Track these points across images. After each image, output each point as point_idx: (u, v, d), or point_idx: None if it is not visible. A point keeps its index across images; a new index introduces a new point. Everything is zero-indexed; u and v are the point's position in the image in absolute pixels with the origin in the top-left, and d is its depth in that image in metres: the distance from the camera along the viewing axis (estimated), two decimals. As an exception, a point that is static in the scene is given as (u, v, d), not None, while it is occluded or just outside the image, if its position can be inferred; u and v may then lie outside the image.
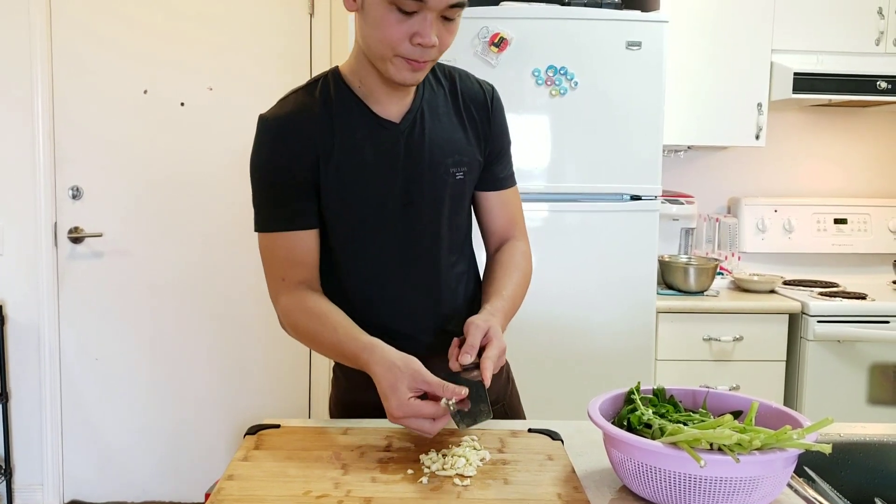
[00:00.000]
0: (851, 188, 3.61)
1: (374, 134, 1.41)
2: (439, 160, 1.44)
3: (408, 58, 1.29)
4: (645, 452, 1.05)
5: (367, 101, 1.41)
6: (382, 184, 1.41)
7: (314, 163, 1.39)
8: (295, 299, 1.41)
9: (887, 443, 1.39)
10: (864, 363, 2.94)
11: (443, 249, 1.49)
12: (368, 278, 1.47)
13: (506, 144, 1.57)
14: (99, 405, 3.33)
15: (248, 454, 1.23)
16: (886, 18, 3.15)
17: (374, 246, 1.45)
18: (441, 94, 1.47)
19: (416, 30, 1.26)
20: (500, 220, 1.58)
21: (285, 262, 1.44)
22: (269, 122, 1.42)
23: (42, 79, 3.14)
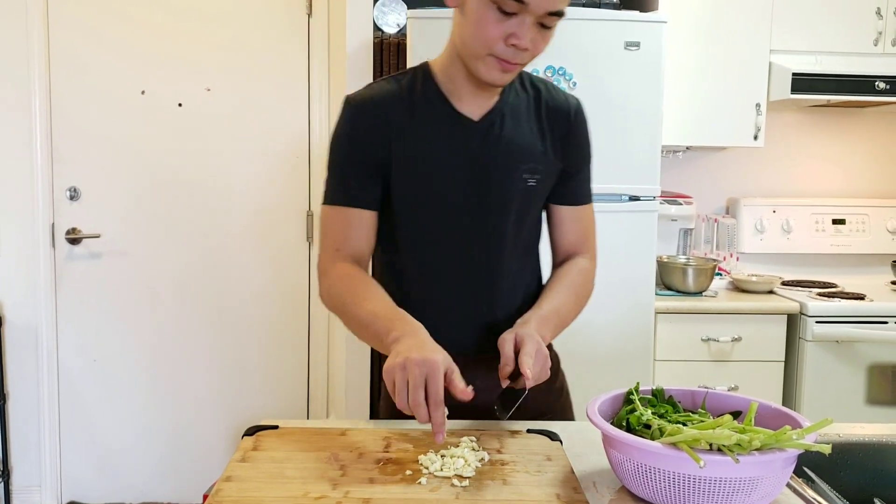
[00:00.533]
0: (850, 189, 3.61)
1: (450, 128, 1.44)
2: (513, 164, 1.45)
3: (500, 58, 1.32)
4: (644, 453, 1.04)
5: (451, 97, 1.44)
6: (452, 178, 1.44)
7: (387, 146, 1.43)
8: (340, 269, 1.43)
9: (886, 443, 1.39)
10: (863, 363, 2.94)
11: (505, 253, 1.49)
12: (427, 271, 1.49)
13: (585, 160, 1.56)
14: (97, 406, 3.32)
15: (246, 455, 1.23)
16: (885, 19, 3.15)
17: (437, 238, 1.47)
18: (525, 100, 1.48)
19: (513, 31, 1.29)
20: (569, 236, 1.57)
21: (339, 236, 1.46)
22: (351, 102, 1.46)
23: (39, 79, 3.13)
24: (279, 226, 3.34)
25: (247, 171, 3.29)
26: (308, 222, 3.34)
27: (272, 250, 3.34)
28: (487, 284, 1.49)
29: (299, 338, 3.40)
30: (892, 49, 3.17)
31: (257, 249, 3.33)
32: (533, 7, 1.27)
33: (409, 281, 1.50)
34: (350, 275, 1.42)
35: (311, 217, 3.34)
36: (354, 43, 3.03)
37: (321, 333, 3.39)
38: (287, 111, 3.29)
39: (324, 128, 3.29)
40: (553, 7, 1.28)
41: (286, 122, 3.30)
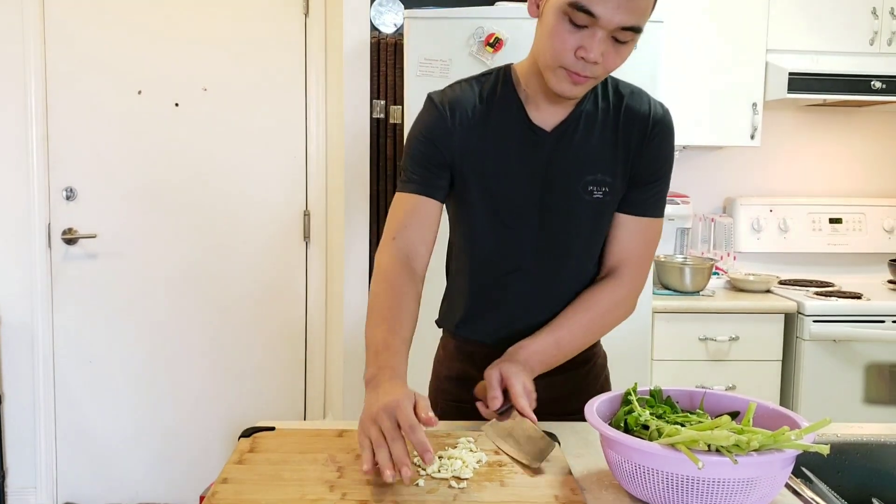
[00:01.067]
0: (846, 188, 3.61)
1: (522, 137, 1.44)
2: (578, 175, 1.44)
3: (570, 70, 1.31)
4: (642, 454, 1.04)
5: (527, 104, 1.44)
6: (521, 186, 1.44)
7: (458, 149, 1.45)
8: (387, 265, 1.44)
9: (884, 443, 1.39)
10: (860, 363, 2.94)
11: (570, 264, 1.49)
12: (493, 273, 1.51)
13: (659, 172, 1.50)
14: (93, 407, 3.31)
15: (242, 457, 1.22)
16: (881, 18, 3.15)
17: (503, 246, 1.49)
18: (605, 108, 1.46)
19: (583, 43, 1.28)
20: (618, 246, 1.51)
21: (400, 222, 1.47)
22: (433, 100, 1.48)
23: (35, 79, 3.13)
24: (276, 226, 3.33)
25: (243, 171, 3.28)
26: (305, 222, 3.33)
27: (269, 250, 3.34)
28: (547, 294, 1.50)
29: (296, 338, 3.39)
30: (889, 48, 3.17)
31: (254, 250, 3.33)
32: (604, 21, 1.25)
33: (476, 278, 1.53)
34: (387, 279, 1.43)
35: (308, 217, 3.33)
36: (351, 43, 3.02)
37: (318, 334, 3.39)
38: (284, 111, 3.29)
39: (320, 127, 3.29)
40: (625, 22, 1.26)
41: (283, 121, 3.29)
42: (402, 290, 1.42)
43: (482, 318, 1.54)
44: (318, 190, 3.33)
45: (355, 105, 3.04)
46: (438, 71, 2.62)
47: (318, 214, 3.34)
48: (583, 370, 1.59)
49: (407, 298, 1.42)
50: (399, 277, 1.43)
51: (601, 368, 1.67)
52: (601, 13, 1.24)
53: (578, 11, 1.25)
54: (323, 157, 3.31)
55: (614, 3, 1.24)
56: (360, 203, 3.12)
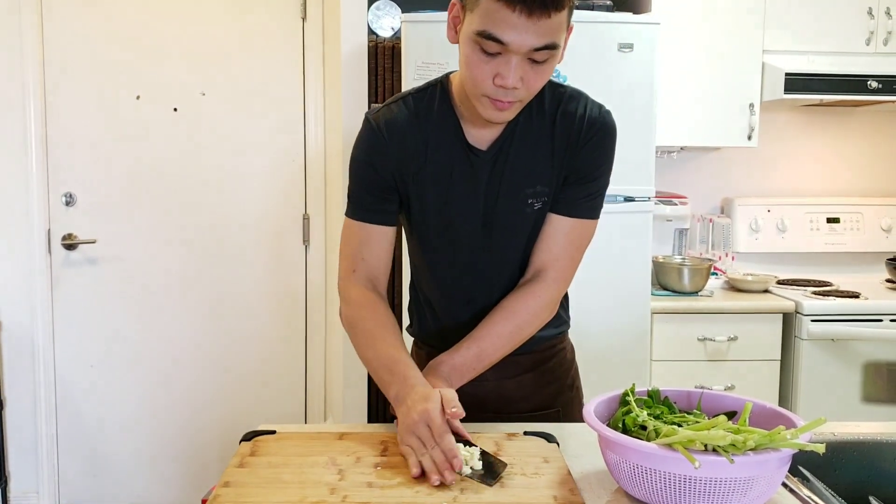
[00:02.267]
0: (844, 187, 3.62)
1: (461, 157, 1.44)
2: (517, 190, 1.44)
3: (492, 98, 1.29)
4: (640, 454, 1.05)
5: (463, 121, 1.44)
6: (463, 205, 1.46)
7: (402, 170, 1.45)
8: (356, 296, 1.47)
9: (881, 441, 1.40)
10: (858, 362, 2.95)
11: (518, 273, 1.51)
12: (446, 287, 1.54)
13: (593, 173, 1.46)
14: (94, 412, 3.32)
15: (243, 460, 1.23)
16: (876, 18, 3.16)
17: (452, 261, 1.51)
18: (540, 119, 1.43)
19: (499, 71, 1.25)
20: (545, 247, 1.48)
21: (357, 254, 1.49)
22: (370, 124, 1.47)
23: (34, 85, 3.13)
24: (276, 230, 3.34)
25: (243, 176, 3.29)
26: (304, 226, 3.34)
27: (269, 254, 3.34)
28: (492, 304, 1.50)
29: (296, 342, 3.40)
30: (884, 48, 3.18)
31: (254, 254, 3.33)
32: (514, 47, 1.22)
33: (431, 292, 1.56)
34: (364, 306, 1.46)
35: (308, 220, 3.34)
36: (349, 47, 3.03)
37: (318, 337, 3.39)
38: (282, 115, 3.30)
39: (319, 131, 3.30)
40: (537, 43, 1.22)
41: (281, 126, 3.30)
42: (380, 311, 1.46)
43: (442, 328, 1.56)
44: (318, 193, 3.33)
45: (353, 109, 3.05)
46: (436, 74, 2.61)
47: (318, 218, 3.35)
48: (550, 364, 1.61)
49: (389, 318, 1.47)
50: (373, 302, 1.47)
51: (570, 363, 1.68)
52: (510, 40, 1.21)
53: (488, 40, 1.22)
54: (322, 161, 3.32)
55: (521, 28, 1.20)
56: (359, 206, 3.13)
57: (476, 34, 1.23)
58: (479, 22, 1.23)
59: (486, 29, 1.22)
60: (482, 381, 1.49)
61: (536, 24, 1.20)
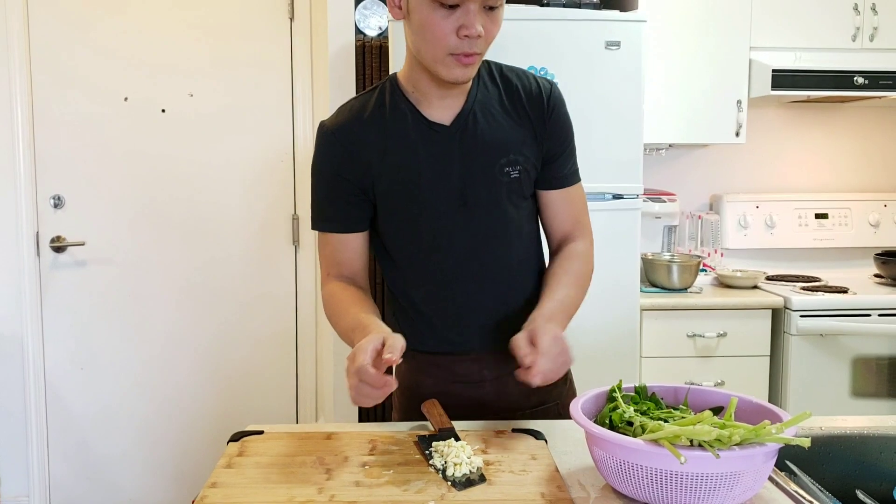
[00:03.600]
0: (832, 183, 3.64)
1: (426, 138, 1.45)
2: (492, 160, 1.46)
3: (456, 53, 1.33)
4: (626, 450, 1.05)
5: (420, 105, 1.46)
6: (437, 186, 1.45)
7: (366, 169, 1.46)
8: (330, 288, 1.50)
9: (868, 435, 1.40)
10: (847, 356, 2.96)
11: (504, 249, 1.51)
12: (429, 280, 1.52)
13: (567, 141, 1.54)
14: (84, 415, 3.31)
15: (231, 461, 1.23)
16: (862, 14, 3.18)
17: (432, 248, 1.49)
18: (496, 93, 1.49)
19: (461, 23, 1.31)
20: (561, 218, 1.56)
21: (331, 260, 1.52)
22: (325, 130, 1.49)
23: (21, 87, 3.12)
24: (265, 230, 3.33)
25: (232, 176, 3.29)
26: (294, 226, 3.34)
27: (259, 254, 3.34)
28: (491, 282, 1.51)
29: (287, 342, 3.40)
30: (871, 44, 3.20)
31: (243, 254, 3.33)
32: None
33: (414, 292, 1.54)
34: (334, 293, 1.48)
35: (297, 220, 3.34)
36: (336, 46, 3.03)
37: (309, 336, 3.39)
38: (271, 115, 3.29)
39: (307, 131, 3.29)
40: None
41: (270, 125, 3.29)
42: (354, 291, 1.48)
43: (430, 325, 1.54)
44: (307, 194, 3.32)
45: (342, 108, 3.05)
46: (424, 73, 2.62)
47: (307, 218, 3.34)
48: None
49: (362, 296, 1.48)
50: (348, 288, 1.49)
51: None
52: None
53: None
54: (310, 161, 3.31)
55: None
56: (349, 206, 3.12)
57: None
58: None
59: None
60: (481, 383, 1.51)
61: None
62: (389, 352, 1.20)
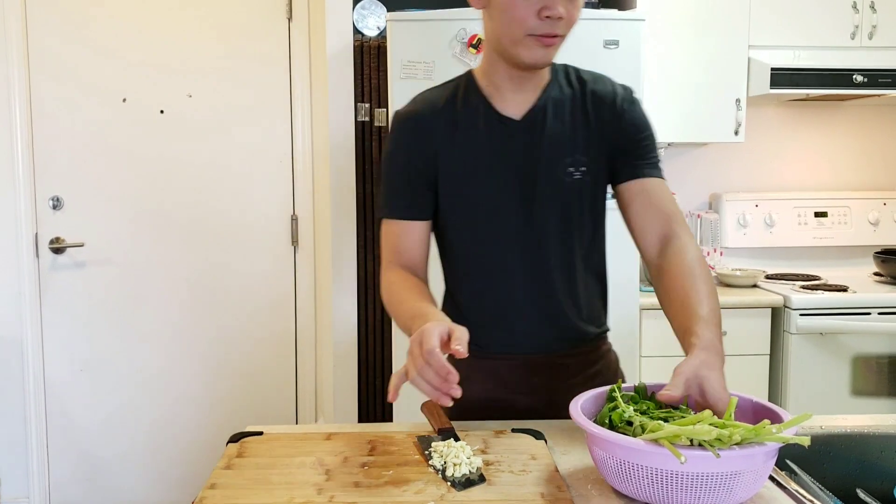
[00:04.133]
0: (831, 181, 3.63)
1: (493, 130, 1.45)
2: (557, 158, 1.45)
3: (537, 34, 1.34)
4: (626, 450, 1.05)
5: (492, 99, 1.46)
6: (499, 180, 1.45)
7: (433, 158, 1.47)
8: (390, 276, 1.48)
9: (868, 434, 1.40)
10: (847, 355, 2.96)
11: (562, 250, 1.49)
12: (483, 276, 1.51)
13: (642, 136, 1.49)
14: (84, 416, 3.30)
15: (230, 462, 1.23)
16: (861, 13, 3.17)
17: (490, 242, 1.49)
18: (570, 94, 1.49)
19: (544, 3, 1.31)
20: (650, 214, 1.45)
21: (393, 248, 1.51)
22: (398, 118, 1.51)
23: (20, 88, 3.12)
24: (264, 231, 3.33)
25: (230, 177, 3.28)
26: (293, 226, 3.33)
27: (257, 256, 3.34)
28: (545, 283, 1.49)
29: (286, 342, 3.39)
30: (869, 42, 3.19)
31: (243, 255, 3.33)
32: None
33: (467, 287, 1.54)
34: (394, 281, 1.47)
35: (296, 221, 3.33)
36: (335, 46, 3.03)
37: (308, 337, 3.39)
38: (269, 115, 3.29)
39: (306, 131, 3.29)
40: None
41: (269, 126, 3.29)
42: (412, 281, 1.46)
43: (480, 323, 1.50)
44: (305, 194, 3.33)
45: (340, 108, 3.05)
46: (422, 73, 2.63)
47: (306, 218, 3.34)
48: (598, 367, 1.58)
49: (420, 286, 1.46)
50: (407, 278, 1.47)
51: (615, 365, 1.65)
52: None
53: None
54: (309, 161, 3.31)
55: None
56: (347, 206, 3.12)
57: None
58: None
59: None
60: (531, 391, 1.50)
61: None
62: (458, 343, 1.17)
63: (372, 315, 3.21)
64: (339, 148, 3.11)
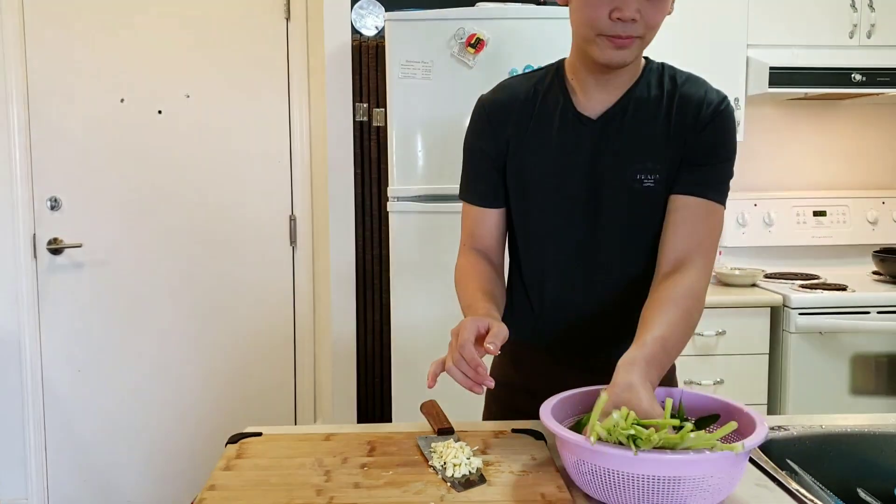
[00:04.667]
0: (830, 180, 3.63)
1: (567, 126, 1.43)
2: (626, 163, 1.39)
3: (609, 35, 1.30)
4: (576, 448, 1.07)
5: (574, 93, 1.44)
6: (565, 177, 1.43)
7: (505, 146, 1.47)
8: (462, 260, 1.51)
9: (869, 433, 1.40)
10: (846, 354, 2.96)
11: (621, 255, 1.44)
12: (539, 269, 1.50)
13: (718, 152, 1.40)
14: (82, 417, 3.30)
15: (229, 463, 1.22)
16: (859, 11, 3.17)
17: (548, 238, 1.47)
18: (657, 96, 1.41)
19: (616, 4, 1.27)
20: (683, 234, 1.37)
21: (469, 231, 1.54)
22: (480, 105, 1.52)
23: (17, 88, 3.11)
24: (262, 231, 3.33)
25: (228, 177, 3.28)
26: (291, 226, 3.33)
27: (256, 256, 3.33)
28: (602, 286, 1.47)
29: (285, 343, 3.39)
30: (868, 41, 3.19)
31: (241, 255, 3.32)
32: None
33: (526, 274, 1.53)
34: (463, 266, 1.50)
35: (294, 221, 3.33)
36: (333, 46, 3.02)
37: (307, 337, 3.38)
38: (267, 115, 3.28)
39: (304, 131, 3.29)
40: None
41: (267, 126, 3.29)
42: (482, 266, 1.48)
43: (529, 317, 1.53)
44: (304, 194, 3.32)
45: (338, 108, 3.04)
46: (421, 73, 2.62)
47: (304, 219, 3.34)
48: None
49: (489, 270, 1.48)
50: (475, 263, 1.48)
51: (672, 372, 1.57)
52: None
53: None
54: (307, 161, 3.31)
55: None
56: (345, 206, 3.12)
57: None
58: None
59: None
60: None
61: None
62: (492, 340, 1.20)
63: (371, 315, 3.20)
64: (338, 148, 3.10)
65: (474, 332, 1.22)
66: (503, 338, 1.23)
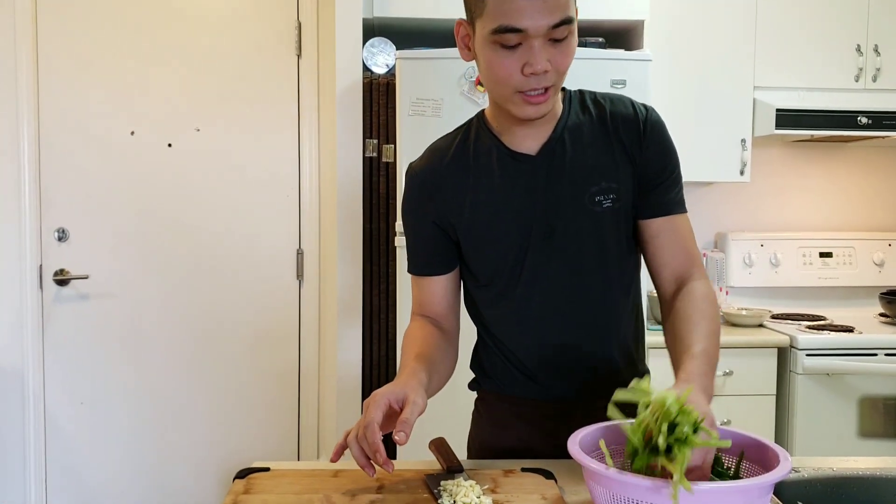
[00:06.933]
0: (836, 222, 3.64)
1: (510, 169, 1.41)
2: (582, 189, 1.39)
3: (525, 91, 1.28)
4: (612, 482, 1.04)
5: (503, 138, 1.42)
6: (521, 218, 1.40)
7: (448, 209, 1.44)
8: (409, 326, 1.51)
9: (880, 477, 1.39)
10: (854, 396, 2.94)
11: (595, 284, 1.43)
12: (514, 319, 1.47)
13: (668, 166, 1.43)
14: (84, 450, 3.28)
15: (237, 498, 1.21)
16: (865, 55, 3.20)
17: (516, 283, 1.43)
18: (587, 120, 1.41)
19: (526, 60, 1.25)
20: (672, 252, 1.43)
21: (416, 299, 1.54)
22: (408, 175, 1.50)
23: (28, 121, 3.14)
24: (269, 265, 3.33)
25: (237, 212, 3.29)
26: (298, 261, 3.34)
27: (262, 290, 3.33)
28: (580, 321, 1.44)
29: (290, 377, 3.38)
30: (873, 85, 3.22)
31: (247, 289, 3.32)
32: (533, 30, 1.22)
33: (498, 330, 1.50)
34: (407, 332, 1.49)
35: (301, 255, 3.34)
36: (344, 83, 3.05)
37: (312, 372, 3.37)
38: (277, 151, 3.31)
39: (313, 167, 3.31)
40: (553, 20, 1.22)
41: (276, 161, 3.31)
42: (425, 331, 1.46)
43: (516, 366, 1.49)
44: (312, 228, 3.33)
45: (348, 144, 3.06)
46: (430, 110, 2.64)
47: (312, 253, 3.34)
48: None
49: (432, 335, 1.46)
50: (422, 328, 1.48)
51: None
52: (527, 25, 1.22)
53: (505, 33, 1.23)
54: (316, 196, 3.32)
55: (533, 10, 1.21)
56: (354, 241, 3.13)
57: (492, 33, 1.25)
58: (491, 21, 1.24)
59: (500, 24, 1.23)
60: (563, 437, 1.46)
61: (546, 2, 1.21)
62: (401, 429, 1.17)
63: (377, 350, 3.19)
64: (347, 183, 3.12)
65: (384, 408, 1.21)
66: (414, 421, 1.21)
